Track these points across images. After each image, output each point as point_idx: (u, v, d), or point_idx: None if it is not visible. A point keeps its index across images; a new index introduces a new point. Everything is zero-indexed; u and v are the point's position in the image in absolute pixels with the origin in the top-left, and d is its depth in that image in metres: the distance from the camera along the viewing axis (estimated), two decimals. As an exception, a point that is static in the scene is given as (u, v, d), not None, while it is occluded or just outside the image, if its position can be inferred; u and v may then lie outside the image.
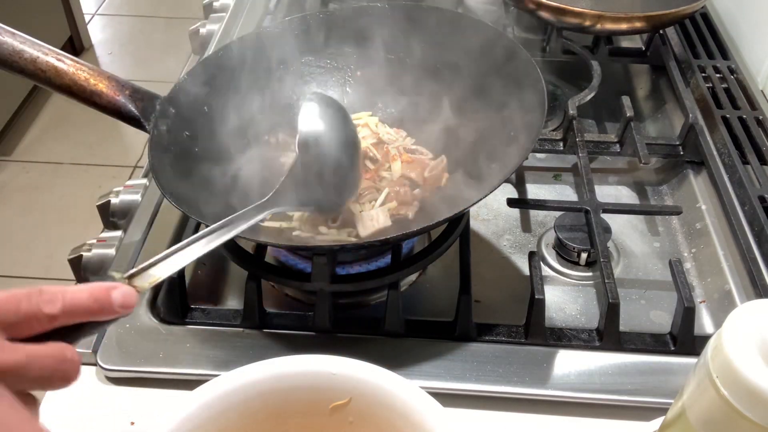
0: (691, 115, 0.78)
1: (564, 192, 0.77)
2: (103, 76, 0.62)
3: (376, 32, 0.73)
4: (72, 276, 0.67)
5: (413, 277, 0.66)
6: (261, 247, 0.63)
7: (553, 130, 0.80)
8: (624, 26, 0.83)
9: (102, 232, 0.70)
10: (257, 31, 0.72)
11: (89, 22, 2.68)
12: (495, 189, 0.55)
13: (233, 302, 0.65)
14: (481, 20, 0.71)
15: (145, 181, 0.74)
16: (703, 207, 0.73)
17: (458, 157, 0.67)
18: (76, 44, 2.50)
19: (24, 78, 0.60)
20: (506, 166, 0.59)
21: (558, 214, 0.70)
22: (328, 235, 0.62)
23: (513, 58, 0.66)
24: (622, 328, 0.58)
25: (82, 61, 0.62)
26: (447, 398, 0.44)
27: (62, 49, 0.61)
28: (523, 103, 0.63)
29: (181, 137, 0.63)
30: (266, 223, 0.64)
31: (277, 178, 0.60)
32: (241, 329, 0.59)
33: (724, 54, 0.92)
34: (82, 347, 0.58)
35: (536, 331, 0.58)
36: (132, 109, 0.62)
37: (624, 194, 0.78)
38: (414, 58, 0.73)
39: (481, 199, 0.55)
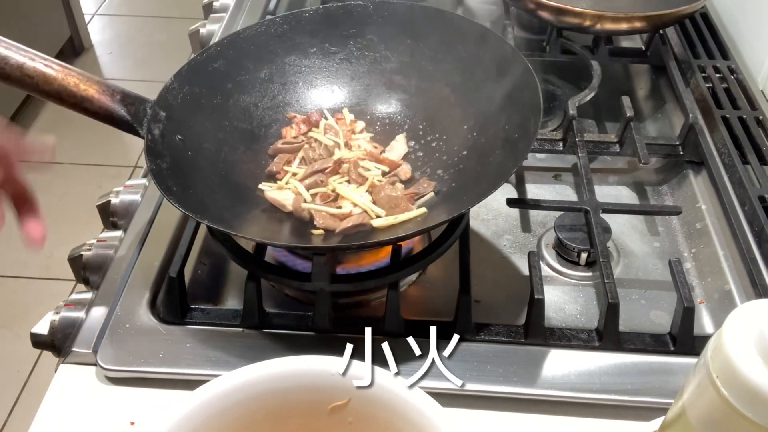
0: (691, 115, 0.78)
1: (564, 192, 0.77)
2: (92, 81, 0.61)
3: (360, 31, 0.73)
4: (72, 276, 0.67)
5: (413, 277, 0.66)
6: (261, 247, 0.63)
7: (553, 130, 0.80)
8: (624, 26, 0.83)
9: (102, 232, 0.70)
10: (240, 31, 0.72)
11: (89, 22, 2.68)
12: (495, 189, 0.55)
13: (233, 302, 0.65)
14: (468, 18, 0.70)
15: (145, 181, 0.74)
16: (703, 207, 0.73)
17: (452, 153, 0.66)
18: (76, 44, 2.50)
19: (10, 85, 0.59)
20: (505, 165, 0.59)
21: (558, 214, 0.70)
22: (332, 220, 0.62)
23: (503, 56, 0.66)
24: (621, 328, 0.58)
25: (71, 67, 0.61)
26: (447, 398, 0.44)
27: (62, 49, 0.61)
28: (515, 101, 0.63)
29: (174, 141, 0.63)
30: (270, 193, 0.64)
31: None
32: (241, 329, 0.59)
33: (724, 54, 0.92)
34: (82, 347, 0.58)
35: (536, 331, 0.58)
36: (123, 114, 0.62)
37: (624, 194, 0.78)
38: (400, 56, 0.72)
39: (480, 201, 0.55)
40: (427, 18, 0.71)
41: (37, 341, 0.61)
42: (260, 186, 0.66)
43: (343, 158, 0.66)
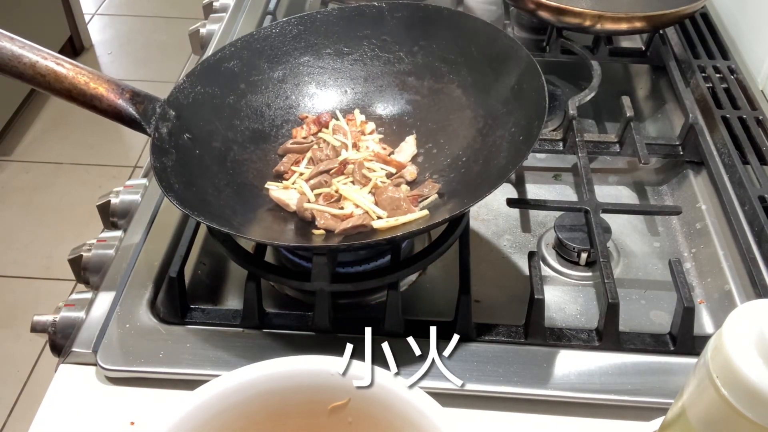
0: (691, 115, 0.78)
1: (564, 192, 0.77)
2: (102, 80, 0.62)
3: (375, 32, 0.73)
4: (72, 276, 0.68)
5: (413, 277, 0.66)
6: (261, 247, 0.63)
7: (553, 130, 0.80)
8: (624, 26, 0.83)
9: (102, 232, 0.70)
10: (255, 32, 0.72)
11: (89, 22, 2.69)
12: (493, 190, 0.55)
13: (233, 302, 0.65)
14: (480, 19, 0.71)
15: (145, 181, 0.74)
16: (703, 207, 0.73)
17: (458, 156, 0.67)
18: (76, 44, 2.50)
19: (23, 83, 0.60)
20: (506, 166, 0.59)
21: (558, 214, 0.70)
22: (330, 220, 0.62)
23: (513, 58, 0.66)
24: (621, 328, 0.58)
25: (82, 65, 0.62)
26: (447, 398, 0.44)
27: (62, 49, 0.62)
28: (523, 103, 0.63)
29: (182, 140, 0.64)
30: (275, 193, 0.64)
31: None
32: (241, 329, 0.59)
33: (724, 54, 0.92)
34: (82, 347, 0.58)
35: (536, 331, 0.58)
36: (132, 112, 0.62)
37: (624, 194, 0.78)
38: (413, 57, 0.73)
39: (477, 201, 0.55)
40: (441, 19, 0.71)
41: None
42: (266, 185, 0.66)
43: (349, 159, 0.66)
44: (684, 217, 0.73)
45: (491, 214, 0.74)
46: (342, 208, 0.62)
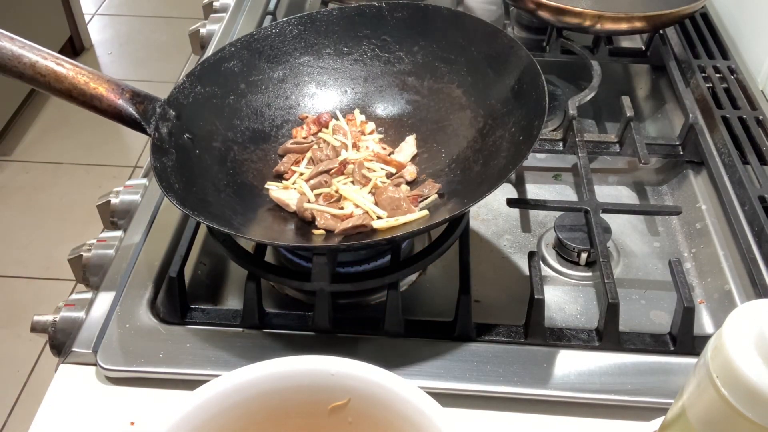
0: (691, 115, 0.78)
1: (564, 192, 0.77)
2: (102, 80, 0.62)
3: (375, 32, 0.73)
4: (72, 276, 0.68)
5: (413, 277, 0.66)
6: (261, 247, 0.63)
7: (553, 130, 0.80)
8: (624, 26, 0.83)
9: (102, 232, 0.70)
10: (255, 32, 0.72)
11: (89, 22, 2.69)
12: (493, 190, 0.55)
13: (233, 302, 0.65)
14: (481, 19, 0.71)
15: (145, 181, 0.74)
16: (703, 207, 0.73)
17: (458, 155, 0.67)
18: (76, 44, 2.50)
19: (23, 83, 0.60)
20: (506, 167, 0.59)
21: (558, 214, 0.70)
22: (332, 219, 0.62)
23: (513, 57, 0.66)
24: (621, 328, 0.58)
25: (82, 65, 0.62)
26: (447, 398, 0.45)
27: (62, 49, 0.62)
28: (523, 103, 0.63)
29: (182, 140, 0.64)
30: (275, 193, 0.64)
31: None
32: (241, 329, 0.59)
33: (724, 54, 0.92)
34: (82, 347, 0.58)
35: (536, 331, 0.58)
36: (132, 112, 0.62)
37: (624, 194, 0.78)
38: (413, 57, 0.73)
39: (477, 201, 0.55)
40: (441, 19, 0.71)
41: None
42: (266, 185, 0.66)
43: (349, 159, 0.66)
44: (684, 217, 0.73)
45: (491, 214, 0.74)
46: (342, 208, 0.62)
